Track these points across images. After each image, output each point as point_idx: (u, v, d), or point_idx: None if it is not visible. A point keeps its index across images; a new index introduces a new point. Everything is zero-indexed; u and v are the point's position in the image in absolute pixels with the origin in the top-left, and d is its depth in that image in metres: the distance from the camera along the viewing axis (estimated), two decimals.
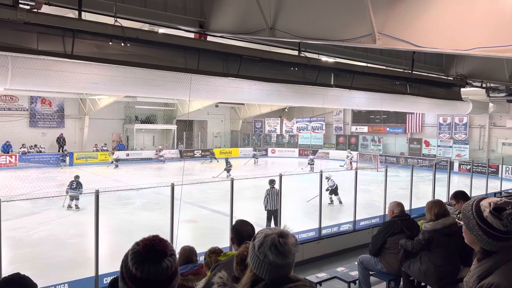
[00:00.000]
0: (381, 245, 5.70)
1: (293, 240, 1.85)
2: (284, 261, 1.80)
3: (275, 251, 1.79)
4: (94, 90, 11.52)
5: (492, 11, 4.51)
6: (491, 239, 1.88)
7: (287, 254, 1.80)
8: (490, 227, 1.88)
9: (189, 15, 7.46)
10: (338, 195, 15.44)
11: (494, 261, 1.88)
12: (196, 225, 12.36)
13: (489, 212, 1.90)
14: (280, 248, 1.79)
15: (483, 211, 1.91)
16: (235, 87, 8.71)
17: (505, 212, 1.86)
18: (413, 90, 12.41)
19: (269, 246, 1.80)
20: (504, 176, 21.20)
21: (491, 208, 1.90)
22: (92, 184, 15.59)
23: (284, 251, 1.80)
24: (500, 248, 1.89)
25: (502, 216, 1.86)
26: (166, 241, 1.60)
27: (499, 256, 1.88)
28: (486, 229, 1.89)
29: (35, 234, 11.54)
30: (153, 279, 1.49)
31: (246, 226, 3.25)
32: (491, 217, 1.88)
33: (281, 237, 1.81)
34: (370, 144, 33.60)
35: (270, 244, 1.80)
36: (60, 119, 29.34)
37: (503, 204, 1.90)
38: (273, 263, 1.79)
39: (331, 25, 5.86)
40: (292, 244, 1.82)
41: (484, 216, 1.90)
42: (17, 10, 5.32)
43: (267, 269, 1.81)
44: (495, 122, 27.02)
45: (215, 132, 37.08)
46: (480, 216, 1.91)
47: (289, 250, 1.81)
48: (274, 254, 1.79)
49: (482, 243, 1.92)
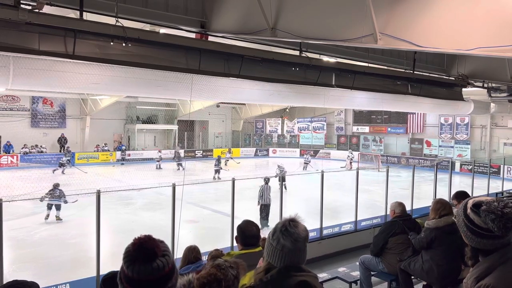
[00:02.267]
0: (382, 245, 5.69)
1: (303, 226, 2.00)
2: (295, 245, 1.93)
3: (286, 233, 1.93)
4: (96, 90, 11.54)
5: (493, 11, 4.50)
6: (475, 236, 1.91)
7: (297, 237, 1.93)
8: (472, 224, 1.91)
9: (190, 15, 7.46)
10: (285, 181, 15.69)
11: (491, 262, 1.88)
12: (198, 225, 12.36)
13: (470, 209, 1.93)
14: (290, 229, 1.94)
15: (468, 208, 1.95)
16: (236, 87, 8.71)
17: (481, 208, 1.89)
18: (415, 90, 12.39)
19: (280, 229, 1.95)
20: (506, 176, 21.17)
21: (471, 205, 1.93)
22: (93, 184, 15.61)
23: (294, 233, 1.93)
24: (487, 245, 1.90)
25: (480, 213, 1.88)
26: (156, 241, 1.58)
27: (496, 257, 1.89)
28: (469, 226, 1.92)
29: (37, 234, 11.56)
30: (144, 279, 1.48)
31: (250, 226, 3.27)
32: (472, 214, 1.92)
33: (292, 221, 1.97)
34: (371, 144, 33.57)
35: (281, 227, 1.96)
36: (61, 119, 29.37)
37: (482, 201, 1.93)
38: (285, 248, 1.92)
39: (332, 25, 5.86)
40: (302, 229, 1.97)
41: (467, 213, 1.94)
42: (18, 11, 5.33)
43: (279, 256, 1.94)
44: (497, 122, 26.98)
45: (216, 132, 37.09)
46: (465, 214, 1.95)
47: (299, 234, 1.95)
48: (285, 236, 1.93)
49: (468, 240, 1.96)
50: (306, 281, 1.92)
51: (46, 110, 28.64)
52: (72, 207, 13.98)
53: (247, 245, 3.20)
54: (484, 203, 1.90)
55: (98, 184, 14.86)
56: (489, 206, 1.87)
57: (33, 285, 2.69)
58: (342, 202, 14.72)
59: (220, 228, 10.28)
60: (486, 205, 1.88)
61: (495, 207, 1.85)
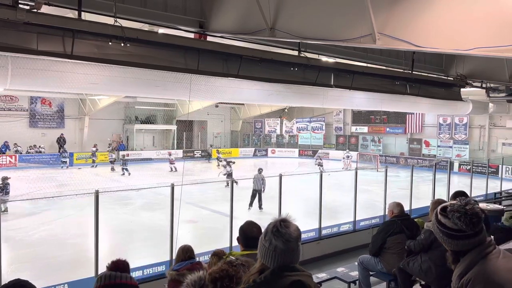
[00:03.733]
0: (381, 245, 5.69)
1: (295, 226, 1.98)
2: (287, 245, 1.92)
3: (277, 233, 1.92)
4: (94, 90, 11.52)
5: (492, 11, 4.51)
6: (451, 239, 2.01)
7: (288, 238, 1.92)
8: (445, 228, 2.02)
9: (189, 15, 7.46)
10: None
11: (470, 259, 1.99)
12: (197, 225, 12.35)
13: (439, 214, 2.04)
14: (281, 230, 1.93)
15: (438, 214, 2.06)
16: (235, 87, 8.71)
17: (447, 210, 2.01)
18: (413, 90, 12.41)
19: (271, 230, 1.95)
20: (504, 176, 21.20)
21: (439, 210, 2.05)
22: (92, 184, 15.58)
23: (285, 233, 1.92)
24: (465, 246, 2.00)
25: (448, 214, 2.00)
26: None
27: (473, 254, 1.99)
28: (443, 230, 2.02)
29: (35, 235, 11.53)
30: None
31: (252, 228, 3.27)
32: (442, 218, 2.03)
33: (283, 222, 1.96)
34: (370, 144, 33.59)
35: (272, 228, 1.95)
36: (60, 119, 29.34)
37: (447, 204, 2.04)
38: (278, 248, 1.91)
39: (331, 25, 5.86)
40: (293, 229, 1.96)
41: (439, 218, 2.04)
42: (16, 10, 5.32)
43: (272, 256, 1.93)
44: (495, 122, 27.02)
45: (215, 133, 37.07)
46: (437, 220, 2.06)
47: (290, 234, 1.93)
48: (276, 236, 1.92)
49: (447, 245, 2.06)
50: (300, 281, 1.91)
51: (44, 110, 28.60)
52: (71, 207, 13.99)
53: (248, 246, 3.20)
54: (449, 205, 2.03)
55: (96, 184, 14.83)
56: (453, 206, 2.00)
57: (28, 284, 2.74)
58: (341, 202, 14.73)
59: (219, 228, 10.27)
60: (450, 206, 2.02)
61: (458, 206, 1.99)
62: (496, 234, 6.34)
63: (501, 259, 1.98)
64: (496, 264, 1.95)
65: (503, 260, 1.98)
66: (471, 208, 1.97)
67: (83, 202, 13.81)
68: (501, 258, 1.99)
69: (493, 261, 1.95)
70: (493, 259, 1.97)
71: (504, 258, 2.00)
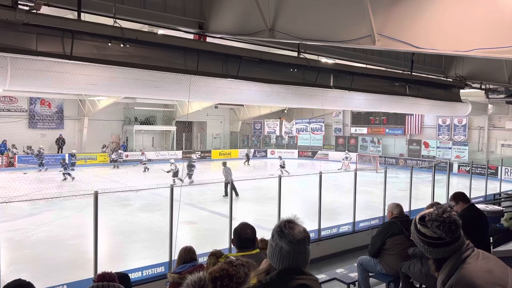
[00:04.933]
0: (380, 246, 5.68)
1: (300, 228, 1.95)
2: (292, 247, 1.90)
3: (281, 234, 1.91)
4: (94, 91, 11.49)
5: (491, 12, 4.51)
6: (432, 247, 2.04)
7: (291, 239, 1.90)
8: (425, 237, 2.04)
9: (189, 16, 7.45)
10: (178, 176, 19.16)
11: (451, 265, 2.02)
12: (196, 226, 12.34)
13: (418, 224, 2.07)
14: (285, 230, 1.91)
15: (417, 224, 2.08)
16: (234, 88, 8.71)
17: (425, 219, 2.04)
18: (413, 91, 12.41)
19: (276, 230, 1.94)
20: (503, 178, 21.21)
21: (418, 220, 2.08)
22: (91, 185, 15.57)
23: (288, 234, 1.90)
24: (445, 253, 2.03)
25: (427, 224, 2.03)
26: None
27: (453, 260, 2.02)
28: (423, 239, 2.05)
29: (34, 235, 11.51)
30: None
31: (246, 229, 3.26)
32: (421, 227, 2.05)
33: (288, 222, 1.94)
34: (369, 145, 33.61)
35: (277, 228, 1.94)
36: (59, 120, 29.31)
37: (425, 214, 2.07)
38: (283, 249, 1.90)
39: (330, 26, 5.86)
40: (298, 231, 1.92)
41: (418, 228, 2.07)
42: (16, 11, 5.31)
43: (278, 257, 1.92)
44: (494, 124, 27.04)
45: (215, 133, 37.09)
46: (416, 229, 2.08)
47: (293, 235, 1.91)
48: (280, 236, 1.91)
49: (428, 254, 2.08)
50: (305, 285, 1.90)
51: (43, 111, 28.58)
52: (70, 208, 13.98)
53: (242, 248, 3.20)
54: (427, 214, 2.05)
55: (95, 185, 14.79)
56: (431, 215, 2.03)
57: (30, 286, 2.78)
58: (340, 203, 14.75)
59: (218, 229, 10.26)
60: (428, 215, 2.04)
61: (436, 215, 2.02)
62: (495, 235, 6.35)
63: (480, 260, 2.02)
64: (475, 266, 1.98)
65: (482, 262, 2.02)
66: (449, 216, 2.01)
67: (81, 203, 13.83)
68: (480, 260, 2.02)
69: (472, 264, 1.99)
70: (472, 262, 2.00)
71: (483, 259, 2.04)
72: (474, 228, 5.07)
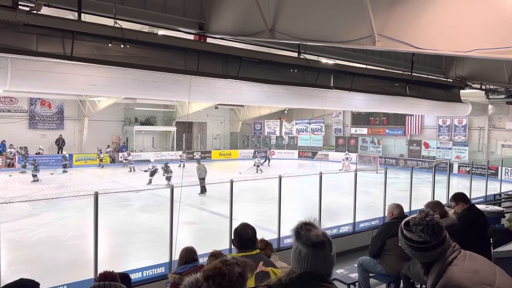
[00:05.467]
0: (380, 247, 5.68)
1: (317, 232, 1.92)
2: (309, 250, 1.88)
3: (297, 235, 1.91)
4: (94, 91, 11.52)
5: (491, 13, 4.51)
6: (419, 252, 2.06)
7: (306, 241, 1.88)
8: (412, 242, 2.06)
9: (189, 16, 7.46)
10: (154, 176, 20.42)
11: (439, 268, 2.04)
12: (196, 227, 12.34)
13: (403, 229, 2.09)
14: (301, 232, 1.90)
15: (403, 230, 2.10)
16: (234, 88, 8.72)
17: (410, 224, 2.06)
18: (413, 92, 12.42)
19: (294, 231, 1.93)
20: (504, 178, 21.21)
21: (403, 226, 2.10)
22: (91, 186, 15.57)
23: (303, 236, 1.89)
24: (432, 257, 2.05)
25: (412, 228, 2.05)
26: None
27: (441, 262, 2.04)
28: (410, 244, 2.07)
29: (34, 236, 11.51)
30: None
31: (246, 229, 3.26)
32: (407, 232, 2.08)
33: (305, 224, 1.93)
34: (369, 146, 33.60)
35: (295, 229, 1.93)
36: (59, 120, 29.31)
37: (409, 219, 2.09)
38: (302, 252, 1.89)
39: (330, 26, 5.86)
40: (314, 234, 1.90)
41: (404, 233, 2.09)
42: (16, 12, 5.32)
43: (298, 260, 1.92)
44: (495, 124, 27.04)
45: (215, 134, 37.09)
46: (403, 235, 2.10)
47: (309, 238, 1.88)
48: (297, 238, 1.91)
49: (416, 258, 2.10)
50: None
51: (44, 111, 28.57)
52: (70, 208, 13.98)
53: (243, 248, 3.20)
54: (411, 219, 2.08)
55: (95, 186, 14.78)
56: (414, 220, 2.06)
57: (37, 285, 2.83)
58: (340, 203, 14.73)
59: (218, 230, 10.26)
60: (412, 220, 2.07)
61: (419, 219, 2.05)
62: (495, 236, 6.34)
63: (466, 261, 2.04)
64: (462, 268, 2.00)
65: (469, 263, 2.03)
66: (431, 219, 2.04)
67: (82, 204, 13.83)
68: (466, 260, 2.04)
69: (459, 266, 2.01)
70: (459, 263, 2.02)
71: (469, 260, 2.05)
72: (474, 229, 5.07)
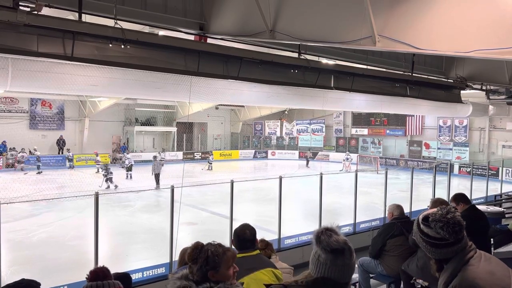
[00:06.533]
0: (381, 247, 5.68)
1: (340, 238, 1.90)
2: (329, 256, 1.86)
3: (318, 240, 1.90)
4: (94, 92, 11.51)
5: (492, 13, 4.51)
6: (434, 248, 2.03)
7: (325, 246, 1.86)
8: (428, 237, 2.03)
9: (189, 17, 7.46)
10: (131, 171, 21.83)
11: (454, 266, 2.02)
12: (196, 227, 12.33)
13: (421, 224, 2.06)
14: (322, 237, 1.89)
15: (420, 224, 2.07)
16: (235, 89, 8.72)
17: (429, 220, 2.02)
18: (413, 92, 12.41)
19: (315, 235, 1.92)
20: (504, 179, 21.21)
21: (421, 220, 2.07)
22: (92, 186, 15.59)
23: (323, 241, 1.88)
24: (448, 254, 2.02)
25: (430, 224, 2.02)
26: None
27: (456, 261, 2.02)
28: (426, 239, 2.04)
29: (35, 236, 11.52)
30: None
31: (245, 230, 3.26)
32: (424, 227, 2.05)
33: (327, 230, 1.92)
34: (370, 146, 33.60)
35: (316, 233, 1.93)
36: (60, 121, 29.32)
37: (429, 214, 2.06)
38: (321, 257, 1.88)
39: (331, 27, 5.86)
40: (334, 240, 1.87)
41: (421, 228, 2.06)
42: (17, 12, 5.32)
43: (316, 264, 1.91)
44: (495, 125, 27.03)
45: (215, 134, 37.09)
46: (419, 229, 2.07)
47: (328, 243, 1.86)
48: (317, 242, 1.90)
49: (430, 254, 2.07)
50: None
51: (44, 112, 28.58)
52: (71, 209, 13.98)
53: (242, 249, 3.20)
54: (431, 215, 2.04)
55: (96, 186, 14.80)
56: (434, 216, 2.02)
57: (38, 285, 2.77)
58: (340, 204, 14.73)
59: (219, 230, 10.25)
60: (432, 216, 2.03)
61: (440, 215, 2.01)
62: (496, 236, 6.34)
63: (482, 262, 2.02)
64: (478, 268, 1.98)
65: (485, 263, 2.01)
66: (453, 217, 2.00)
67: (82, 204, 13.82)
68: (482, 261, 2.02)
69: (475, 266, 1.98)
70: (475, 263, 2.00)
71: (485, 261, 2.03)
72: (474, 229, 5.06)
